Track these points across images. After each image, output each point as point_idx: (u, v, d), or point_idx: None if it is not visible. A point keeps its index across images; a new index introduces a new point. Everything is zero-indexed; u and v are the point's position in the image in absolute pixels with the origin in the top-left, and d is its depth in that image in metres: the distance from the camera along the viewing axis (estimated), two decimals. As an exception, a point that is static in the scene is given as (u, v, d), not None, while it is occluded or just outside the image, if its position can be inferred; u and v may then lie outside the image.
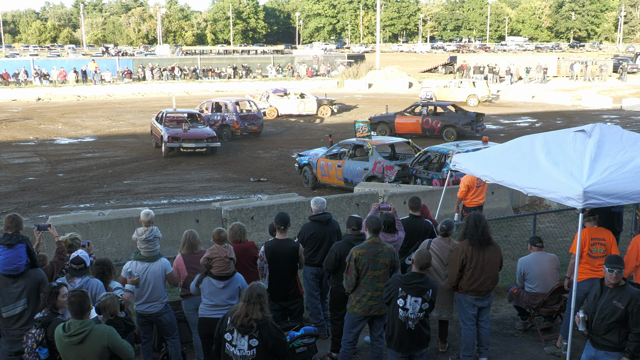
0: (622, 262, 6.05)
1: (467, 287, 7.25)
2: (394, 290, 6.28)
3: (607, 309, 5.91)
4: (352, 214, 8.11)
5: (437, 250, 7.50)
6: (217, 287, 6.58)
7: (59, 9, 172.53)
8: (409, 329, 6.27)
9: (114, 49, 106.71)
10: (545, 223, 12.37)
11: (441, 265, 7.49)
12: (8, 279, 6.22)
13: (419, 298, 6.23)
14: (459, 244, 7.32)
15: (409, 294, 6.22)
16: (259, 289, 5.45)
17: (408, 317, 6.24)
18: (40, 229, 7.03)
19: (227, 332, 5.44)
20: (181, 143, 23.01)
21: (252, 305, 5.34)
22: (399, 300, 6.25)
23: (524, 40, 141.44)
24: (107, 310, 5.78)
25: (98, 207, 15.85)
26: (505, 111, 36.89)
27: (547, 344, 7.99)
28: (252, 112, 28.34)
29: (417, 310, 6.24)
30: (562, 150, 7.57)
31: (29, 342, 5.59)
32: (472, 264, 7.17)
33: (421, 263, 6.28)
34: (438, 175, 14.96)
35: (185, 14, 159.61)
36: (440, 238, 7.62)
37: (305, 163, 18.03)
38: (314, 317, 8.16)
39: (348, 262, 6.84)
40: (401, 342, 6.34)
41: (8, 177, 20.20)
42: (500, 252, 7.44)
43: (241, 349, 5.38)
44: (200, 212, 12.39)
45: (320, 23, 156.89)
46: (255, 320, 5.33)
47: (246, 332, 5.34)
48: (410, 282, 6.24)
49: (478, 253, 7.18)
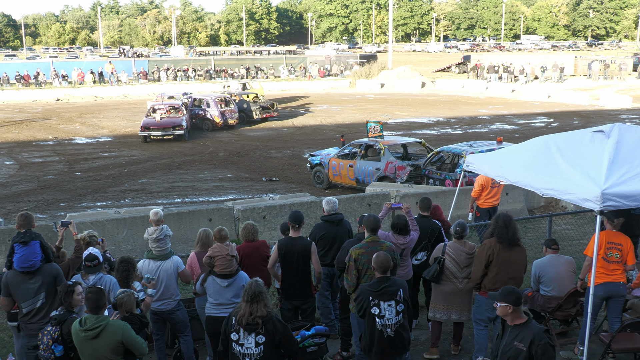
0: (513, 295, 5.16)
1: (491, 286, 7.09)
2: (365, 301, 6.13)
3: (509, 352, 5.15)
4: (363, 214, 8.06)
5: (453, 253, 7.39)
6: (222, 285, 6.61)
7: (77, 12, 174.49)
8: (387, 336, 6.12)
9: (130, 50, 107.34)
10: (561, 225, 12.24)
11: (458, 269, 7.38)
12: (25, 276, 6.37)
13: (392, 301, 6.10)
14: (487, 240, 7.19)
15: (380, 300, 6.08)
16: (259, 287, 5.49)
17: (386, 325, 6.10)
18: (63, 225, 7.28)
19: (233, 332, 5.46)
20: (150, 132, 25.91)
21: (255, 304, 5.38)
22: (373, 309, 6.10)
23: (540, 38, 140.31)
24: (123, 307, 5.88)
25: (114, 206, 16.05)
26: (520, 111, 36.61)
27: (563, 348, 7.86)
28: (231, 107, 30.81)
29: (394, 314, 6.11)
30: (579, 151, 7.43)
31: (45, 339, 5.68)
32: (499, 261, 7.02)
33: (383, 267, 6.13)
34: (451, 176, 14.88)
35: (199, 16, 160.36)
36: (455, 241, 7.48)
37: (317, 163, 18.02)
38: (324, 317, 8.15)
39: (348, 263, 6.80)
40: (382, 352, 6.17)
41: (28, 175, 20.57)
42: (525, 254, 7.30)
43: (248, 347, 5.41)
44: (213, 211, 12.47)
45: (333, 23, 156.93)
46: (260, 317, 5.37)
47: (252, 329, 5.38)
48: (379, 289, 6.10)
49: (505, 252, 7.05)
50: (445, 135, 27.52)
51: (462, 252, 7.38)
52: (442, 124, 31.36)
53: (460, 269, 7.38)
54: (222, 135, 28.69)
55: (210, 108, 29.67)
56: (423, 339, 7.98)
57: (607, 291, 7.38)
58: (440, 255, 7.34)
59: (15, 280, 6.38)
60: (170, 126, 26.11)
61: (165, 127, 26.10)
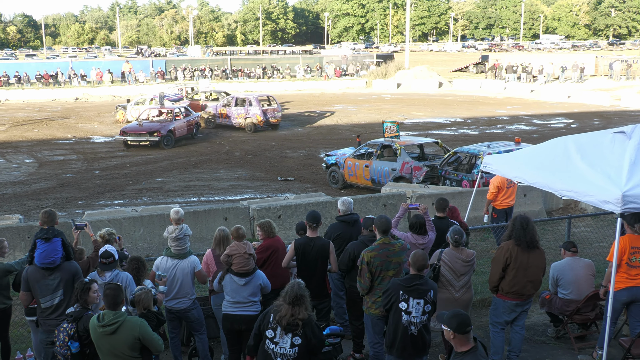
0: (455, 320, 4.62)
1: (508, 289, 7.00)
2: (395, 295, 6.08)
3: None
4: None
5: (449, 261, 7.09)
6: (239, 284, 6.63)
7: (96, 12, 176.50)
8: (411, 334, 6.07)
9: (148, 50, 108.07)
10: (580, 227, 12.08)
11: (454, 277, 7.09)
12: (45, 272, 6.46)
13: (421, 300, 6.05)
14: (504, 243, 7.07)
15: (410, 296, 6.03)
16: (301, 289, 5.43)
17: (411, 322, 6.05)
18: (78, 228, 7.35)
19: (270, 329, 5.42)
20: (127, 137, 25.37)
21: (297, 307, 5.34)
22: (401, 304, 6.04)
23: (560, 38, 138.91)
24: (140, 304, 5.93)
25: (131, 204, 16.19)
26: (539, 111, 36.29)
27: (581, 352, 7.76)
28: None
29: (421, 313, 6.06)
30: (599, 152, 7.30)
31: (61, 336, 5.75)
32: (517, 264, 6.91)
33: (418, 264, 6.09)
34: (468, 177, 14.77)
35: (216, 15, 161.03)
36: (451, 248, 7.16)
37: (332, 163, 17.98)
38: (339, 317, 8.13)
39: (360, 266, 6.73)
40: (403, 348, 6.11)
41: (47, 173, 20.79)
42: (544, 257, 7.17)
43: (283, 347, 5.37)
44: (229, 210, 12.53)
45: (349, 23, 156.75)
46: (301, 319, 5.34)
47: (291, 330, 5.35)
48: (411, 285, 6.05)
49: (523, 254, 6.93)
50: (462, 136, 27.37)
51: (459, 260, 7.08)
52: (460, 125, 31.18)
53: (456, 277, 7.09)
54: (238, 134, 28.76)
55: (252, 107, 29.19)
56: (438, 341, 7.91)
57: (630, 296, 7.26)
58: (435, 262, 7.13)
59: (35, 276, 6.48)
60: (146, 132, 25.16)
61: (141, 133, 25.28)
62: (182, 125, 26.49)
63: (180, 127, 26.35)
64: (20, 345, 7.91)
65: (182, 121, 26.63)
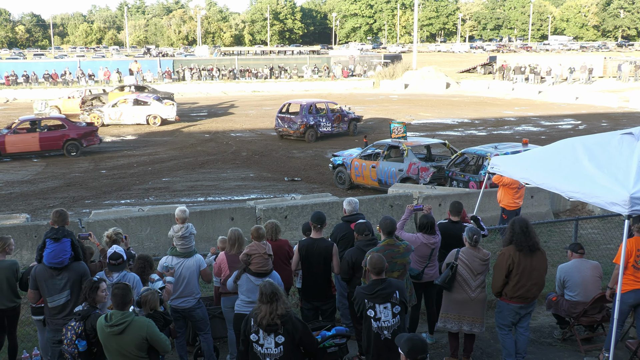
0: (407, 345, 4.51)
1: (512, 294, 6.96)
2: (361, 304, 6.04)
3: None
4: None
5: (467, 260, 7.11)
6: (255, 284, 6.59)
7: (104, 12, 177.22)
8: (385, 339, 5.99)
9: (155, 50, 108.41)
10: (587, 229, 12.04)
11: (471, 276, 7.12)
12: (53, 271, 6.49)
13: (387, 304, 5.98)
14: (505, 248, 7.02)
15: (375, 303, 5.97)
16: (272, 286, 5.49)
17: (382, 327, 5.98)
18: (82, 239, 7.31)
19: (253, 333, 5.47)
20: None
21: (274, 304, 5.38)
22: (369, 312, 5.99)
23: (568, 39, 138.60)
24: (147, 304, 5.97)
25: (138, 204, 16.23)
26: (547, 113, 36.17)
27: (588, 354, 7.73)
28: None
29: (390, 316, 5.99)
30: (607, 154, 7.25)
31: (69, 334, 5.76)
32: (519, 269, 6.87)
33: (377, 268, 6.02)
34: (475, 178, 14.73)
35: (224, 16, 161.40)
36: (469, 247, 7.18)
37: (339, 163, 17.97)
38: (345, 318, 8.11)
39: (365, 267, 6.70)
40: (378, 354, 6.04)
41: (55, 173, 20.89)
42: (545, 257, 7.14)
43: (268, 347, 5.43)
44: (235, 210, 12.52)
45: (357, 23, 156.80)
46: (279, 316, 5.36)
47: (272, 330, 5.39)
48: (374, 292, 5.98)
49: (525, 259, 6.88)
50: (469, 137, 27.29)
51: (476, 259, 7.10)
52: (467, 125, 31.11)
53: (473, 276, 7.12)
54: (245, 135, 28.78)
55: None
56: (444, 342, 7.89)
57: (637, 298, 7.24)
58: (452, 261, 7.14)
59: (43, 275, 6.51)
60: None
61: None
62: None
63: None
64: (26, 344, 7.96)
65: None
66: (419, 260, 7.61)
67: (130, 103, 31.29)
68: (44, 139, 23.28)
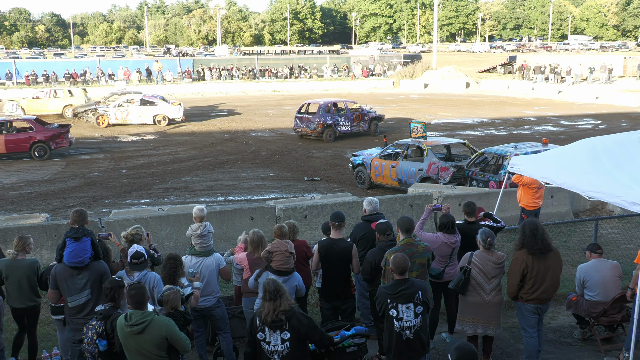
0: (458, 351, 4.57)
1: (528, 297, 6.91)
2: (383, 303, 6.05)
3: None
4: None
5: (480, 263, 7.04)
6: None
7: (124, 12, 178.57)
8: (406, 338, 6.01)
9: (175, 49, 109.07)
10: (607, 229, 11.96)
11: (485, 279, 7.05)
12: (73, 271, 6.50)
13: (410, 304, 5.99)
14: (518, 253, 6.94)
15: (398, 302, 5.98)
16: (275, 284, 5.55)
17: (404, 327, 6.00)
18: (102, 239, 7.32)
19: (259, 332, 5.53)
20: None
21: (278, 300, 5.43)
22: (391, 312, 6.00)
23: (588, 39, 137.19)
24: (169, 303, 5.95)
25: (157, 203, 16.33)
26: (567, 112, 35.88)
27: (607, 354, 7.69)
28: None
29: (413, 316, 6.00)
30: (627, 153, 7.23)
31: (89, 333, 5.78)
32: (534, 273, 6.81)
33: (400, 268, 6.01)
34: (495, 178, 14.68)
35: (243, 15, 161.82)
36: (482, 250, 7.11)
37: (359, 163, 17.98)
38: (364, 317, 8.12)
39: (384, 267, 6.72)
40: (399, 353, 6.06)
41: (75, 172, 21.08)
42: (560, 256, 7.07)
43: (275, 345, 5.48)
44: (255, 209, 12.54)
45: (377, 23, 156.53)
46: (283, 312, 5.41)
47: (277, 327, 5.44)
48: (397, 291, 5.99)
49: (539, 262, 6.82)
50: (489, 137, 27.16)
51: (490, 262, 7.03)
52: (487, 125, 30.96)
53: (487, 280, 7.05)
54: (264, 134, 28.90)
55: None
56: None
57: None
58: (466, 265, 7.10)
59: (64, 275, 6.52)
60: None
61: None
62: None
63: None
64: (46, 343, 8.03)
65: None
66: (439, 260, 7.61)
67: (137, 103, 31.41)
68: (10, 142, 22.81)
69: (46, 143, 23.15)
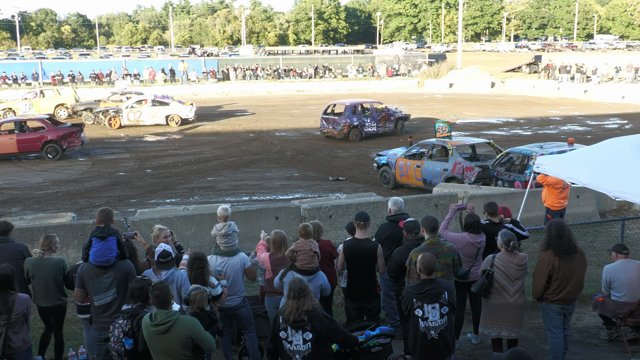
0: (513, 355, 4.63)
1: (553, 297, 6.88)
2: (409, 303, 6.05)
3: None
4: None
5: (502, 266, 7.00)
6: None
7: (149, 12, 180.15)
8: (431, 338, 6.00)
9: (200, 49, 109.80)
10: (634, 229, 11.80)
11: (508, 282, 7.00)
12: (100, 270, 6.56)
13: (435, 304, 5.98)
14: (544, 254, 6.90)
15: (424, 302, 5.98)
16: (300, 283, 5.58)
17: (429, 327, 5.99)
18: (128, 238, 7.38)
19: (282, 330, 5.56)
20: None
21: (301, 299, 5.46)
22: (416, 311, 6.00)
23: (614, 38, 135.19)
24: (195, 303, 5.98)
25: (183, 203, 16.46)
26: (593, 112, 35.47)
27: (634, 355, 7.62)
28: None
29: (438, 316, 5.99)
30: (654, 153, 7.19)
31: (116, 332, 5.85)
32: (560, 274, 6.78)
33: (429, 268, 6.00)
34: (520, 178, 14.59)
35: (268, 15, 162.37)
36: (504, 253, 7.06)
37: (384, 163, 17.98)
38: (389, 317, 8.13)
39: (409, 267, 6.73)
40: (424, 353, 6.05)
41: (100, 172, 21.30)
42: (584, 257, 7.02)
43: (297, 344, 5.52)
44: (280, 209, 12.60)
45: (401, 22, 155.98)
46: (305, 312, 5.43)
47: (299, 326, 5.47)
48: (422, 291, 5.98)
49: (565, 262, 6.78)
50: (514, 136, 26.96)
51: (512, 264, 6.98)
52: (512, 125, 30.72)
53: (510, 282, 7.00)
54: (289, 134, 29.02)
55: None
56: (489, 343, 7.88)
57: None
58: (488, 268, 7.05)
59: (90, 274, 6.59)
60: None
61: None
62: None
63: None
64: (72, 342, 8.12)
65: None
66: (465, 260, 7.57)
67: (149, 104, 31.55)
68: (22, 141, 22.94)
69: (58, 143, 23.22)
